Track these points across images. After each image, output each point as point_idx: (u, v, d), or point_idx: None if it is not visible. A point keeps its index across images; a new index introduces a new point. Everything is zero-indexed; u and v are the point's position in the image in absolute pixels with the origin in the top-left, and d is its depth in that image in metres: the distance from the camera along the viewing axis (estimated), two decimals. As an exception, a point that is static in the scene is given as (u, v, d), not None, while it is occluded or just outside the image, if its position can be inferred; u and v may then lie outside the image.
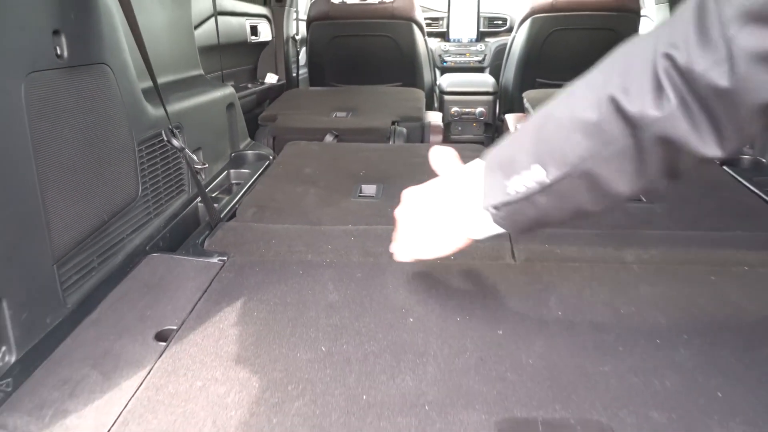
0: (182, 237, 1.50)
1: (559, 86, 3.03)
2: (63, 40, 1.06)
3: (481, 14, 4.34)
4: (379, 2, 3.21)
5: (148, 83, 1.40)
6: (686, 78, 0.63)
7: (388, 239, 1.39)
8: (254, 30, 2.92)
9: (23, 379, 0.92)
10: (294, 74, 3.38)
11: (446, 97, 3.38)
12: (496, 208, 0.83)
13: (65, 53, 1.07)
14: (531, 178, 0.77)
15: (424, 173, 1.79)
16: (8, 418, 0.84)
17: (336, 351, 0.99)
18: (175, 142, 1.35)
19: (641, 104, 0.67)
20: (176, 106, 1.59)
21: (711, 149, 0.66)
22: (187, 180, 1.60)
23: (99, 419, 0.84)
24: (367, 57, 3.19)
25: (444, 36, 4.38)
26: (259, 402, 0.88)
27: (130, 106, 1.31)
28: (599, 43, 3.16)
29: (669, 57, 0.64)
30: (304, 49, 3.67)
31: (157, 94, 1.30)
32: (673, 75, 0.64)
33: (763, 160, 1.93)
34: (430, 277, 1.24)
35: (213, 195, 1.74)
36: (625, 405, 0.87)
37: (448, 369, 0.95)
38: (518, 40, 3.24)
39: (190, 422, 0.84)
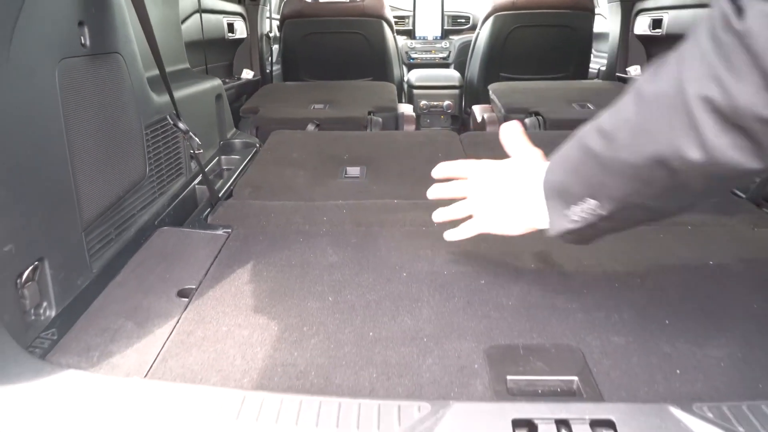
0: (184, 215, 1.61)
1: (521, 80, 3.20)
2: (86, 30, 1.18)
3: (445, 13, 4.53)
4: (350, 0, 3.35)
5: (149, 72, 1.51)
6: (728, 113, 0.62)
7: (377, 212, 1.54)
8: (231, 27, 3.02)
9: (66, 329, 1.03)
10: (268, 70, 3.50)
11: (415, 91, 3.54)
12: (562, 234, 0.94)
13: (88, 42, 1.18)
14: (588, 209, 0.85)
15: (402, 157, 1.99)
16: (61, 358, 0.95)
17: (341, 300, 1.13)
18: (180, 125, 1.47)
19: (680, 151, 0.67)
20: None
21: (753, 164, 0.67)
22: (185, 163, 1.72)
23: (140, 358, 0.97)
24: (339, 53, 3.32)
25: (410, 34, 4.55)
26: (280, 340, 1.01)
27: (139, 93, 1.42)
28: (557, 39, 3.37)
29: (706, 99, 0.63)
30: (276, 46, 3.78)
31: (164, 81, 1.41)
32: (713, 115, 0.63)
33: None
34: (416, 241, 1.38)
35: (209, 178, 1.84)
36: (591, 332, 1.03)
37: (440, 311, 1.10)
38: (482, 36, 3.43)
39: (221, 357, 0.97)
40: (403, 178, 1.79)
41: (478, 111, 2.97)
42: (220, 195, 1.67)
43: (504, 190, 1.08)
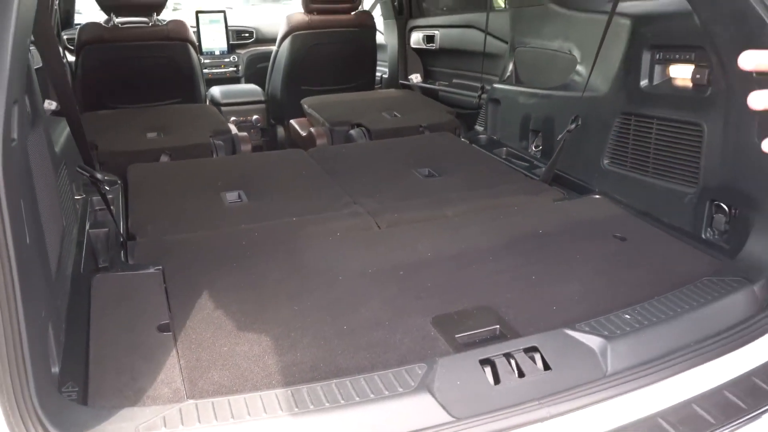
0: (92, 259, 1.65)
1: (321, 93, 3.55)
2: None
3: (229, 28, 4.66)
4: (152, 24, 3.35)
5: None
6: None
7: (286, 230, 1.78)
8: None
9: (80, 379, 1.12)
10: (65, 98, 3.30)
11: (224, 108, 3.67)
12: None
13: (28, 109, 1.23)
14: None
15: (269, 177, 2.25)
16: (103, 403, 1.06)
17: (306, 307, 1.38)
18: (98, 174, 1.52)
19: None
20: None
21: None
22: (72, 208, 1.72)
23: (170, 385, 1.12)
24: (146, 77, 3.29)
25: (197, 49, 4.59)
26: (278, 347, 1.23)
27: (47, 141, 1.45)
28: (348, 53, 3.81)
29: None
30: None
31: (78, 132, 1.46)
32: None
33: (495, 137, 2.75)
34: (330, 249, 1.66)
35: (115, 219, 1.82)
36: (492, 294, 1.44)
37: (384, 299, 1.41)
38: (282, 54, 3.70)
39: (240, 370, 1.16)
40: (284, 196, 2.03)
41: (298, 125, 3.26)
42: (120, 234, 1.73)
43: None
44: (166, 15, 3.61)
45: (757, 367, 1.22)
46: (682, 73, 1.76)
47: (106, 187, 1.59)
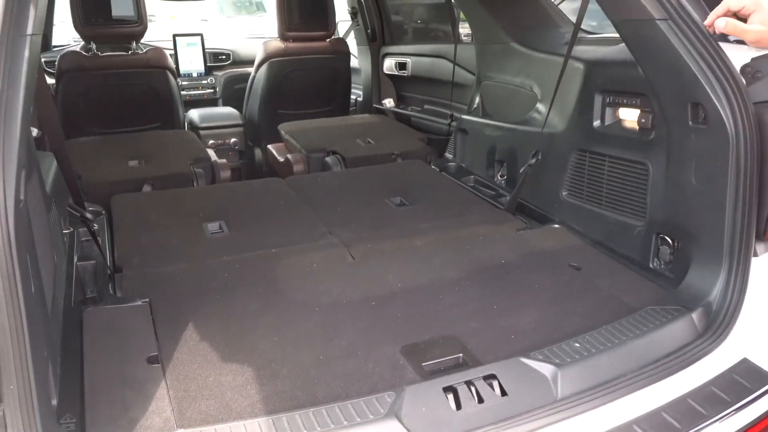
0: (79, 291, 1.74)
1: (297, 117, 3.67)
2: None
3: (206, 50, 4.76)
4: (132, 53, 3.43)
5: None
6: None
7: (265, 262, 1.89)
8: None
9: (77, 411, 1.21)
10: (45, 124, 3.36)
11: (202, 132, 3.77)
12: None
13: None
14: None
15: (249, 207, 2.36)
16: (99, 433, 1.16)
17: (283, 337, 1.49)
18: (87, 214, 1.61)
19: None
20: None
21: None
22: (60, 240, 1.81)
23: (160, 415, 1.22)
24: (126, 104, 3.37)
25: (175, 76, 4.67)
26: (260, 377, 1.34)
27: (40, 182, 1.55)
28: (323, 79, 3.94)
29: None
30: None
31: (68, 171, 1.55)
32: None
33: (463, 165, 2.89)
34: (307, 280, 1.78)
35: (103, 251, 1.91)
36: (456, 324, 1.56)
37: (357, 329, 1.53)
38: (259, 79, 3.81)
39: (225, 400, 1.27)
40: (264, 227, 2.14)
41: (276, 151, 3.37)
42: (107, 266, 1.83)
43: None
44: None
45: (692, 390, 1.37)
46: (629, 116, 1.92)
47: (95, 225, 1.68)
